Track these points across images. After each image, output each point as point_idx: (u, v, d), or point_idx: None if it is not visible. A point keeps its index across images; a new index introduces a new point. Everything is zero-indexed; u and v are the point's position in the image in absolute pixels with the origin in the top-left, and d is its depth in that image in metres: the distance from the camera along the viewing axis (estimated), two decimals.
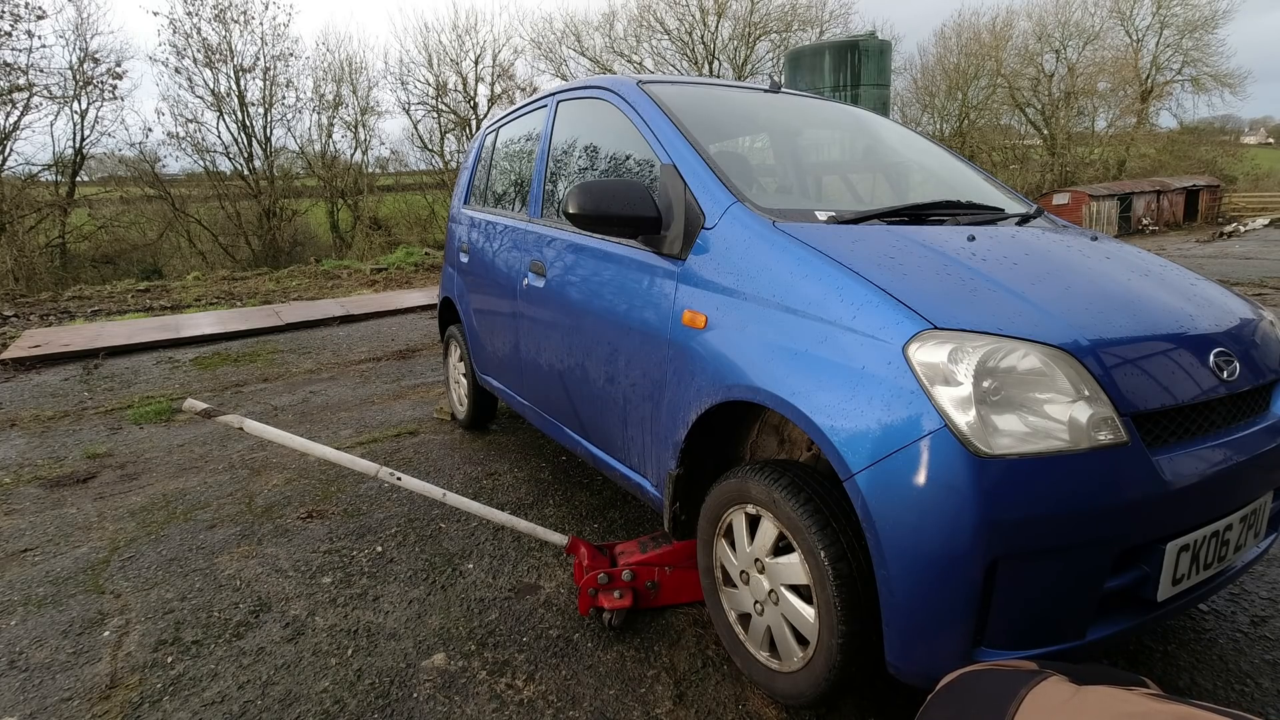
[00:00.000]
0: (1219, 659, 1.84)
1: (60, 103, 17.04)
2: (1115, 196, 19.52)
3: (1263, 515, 1.61)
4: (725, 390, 1.65)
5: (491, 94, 23.11)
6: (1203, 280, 1.88)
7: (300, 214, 21.06)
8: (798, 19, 25.30)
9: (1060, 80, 26.40)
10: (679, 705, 1.73)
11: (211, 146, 19.59)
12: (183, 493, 3.10)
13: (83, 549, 2.60)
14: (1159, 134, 28.05)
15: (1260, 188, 26.90)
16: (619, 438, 2.17)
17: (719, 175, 1.87)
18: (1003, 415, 1.26)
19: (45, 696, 1.80)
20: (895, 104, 24.80)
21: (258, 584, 2.31)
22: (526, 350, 2.74)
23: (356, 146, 22.06)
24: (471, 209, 3.58)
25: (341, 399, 4.56)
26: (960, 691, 0.96)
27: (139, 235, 18.84)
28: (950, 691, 0.98)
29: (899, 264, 1.54)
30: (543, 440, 3.63)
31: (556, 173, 2.74)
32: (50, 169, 17.62)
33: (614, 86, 2.38)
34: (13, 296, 11.20)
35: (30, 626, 2.11)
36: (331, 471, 3.23)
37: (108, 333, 6.69)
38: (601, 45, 25.80)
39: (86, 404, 4.62)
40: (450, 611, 2.13)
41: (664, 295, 1.90)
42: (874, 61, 11.64)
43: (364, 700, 1.75)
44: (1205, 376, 1.44)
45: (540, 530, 2.20)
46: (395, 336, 6.64)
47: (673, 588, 2.10)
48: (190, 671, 1.88)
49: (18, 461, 3.57)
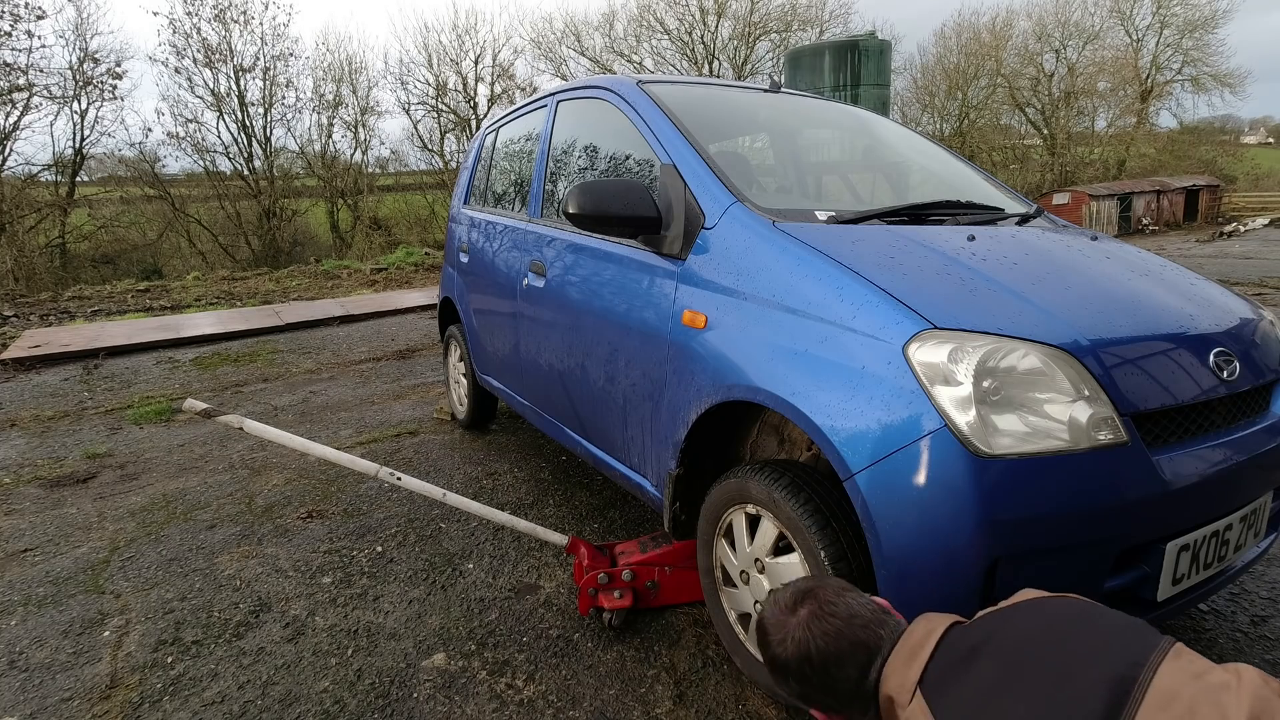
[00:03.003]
0: (1219, 659, 1.84)
1: (60, 103, 17.07)
2: (1115, 196, 19.52)
3: (1263, 515, 1.61)
4: (725, 390, 1.65)
5: (491, 94, 23.15)
6: (1203, 280, 1.88)
7: (300, 214, 21.07)
8: (798, 19, 25.32)
9: (1060, 80, 26.41)
10: (679, 705, 1.73)
11: (211, 146, 19.64)
12: (183, 493, 3.10)
13: (83, 549, 2.60)
14: (1159, 134, 28.04)
15: (1260, 187, 26.91)
16: (619, 438, 2.17)
17: (719, 175, 1.87)
18: (1003, 415, 1.26)
19: (45, 696, 1.80)
20: (895, 104, 24.79)
21: (258, 584, 2.31)
22: (526, 350, 2.74)
23: (356, 146, 22.10)
24: (471, 209, 3.58)
25: (341, 399, 4.56)
26: (1058, 616, 0.95)
27: (139, 235, 18.84)
28: (1042, 612, 0.97)
29: (899, 264, 1.54)
30: (543, 440, 3.63)
31: (556, 173, 2.74)
32: (50, 169, 17.65)
33: (614, 86, 2.38)
34: (13, 296, 11.19)
35: (30, 626, 2.11)
36: (331, 471, 3.23)
37: (108, 333, 6.69)
38: (601, 45, 25.83)
39: (86, 404, 4.62)
40: (450, 611, 2.13)
41: (664, 295, 1.90)
42: (874, 61, 11.65)
43: (364, 700, 1.75)
44: (1205, 376, 1.44)
45: (540, 530, 2.20)
46: (395, 336, 6.64)
47: (673, 588, 2.10)
48: (190, 671, 1.88)
49: (18, 461, 3.57)
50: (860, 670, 1.04)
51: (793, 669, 1.08)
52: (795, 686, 1.09)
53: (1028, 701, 0.83)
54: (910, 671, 0.96)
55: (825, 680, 1.05)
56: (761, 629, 1.15)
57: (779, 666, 1.10)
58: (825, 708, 1.10)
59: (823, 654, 1.05)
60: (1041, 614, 0.97)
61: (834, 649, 1.04)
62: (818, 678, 1.06)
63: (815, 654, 1.05)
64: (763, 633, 1.14)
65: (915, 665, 0.97)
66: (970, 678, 0.90)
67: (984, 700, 0.86)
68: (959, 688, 0.90)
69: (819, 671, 1.05)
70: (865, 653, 1.04)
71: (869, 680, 1.03)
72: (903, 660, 0.99)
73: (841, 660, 1.04)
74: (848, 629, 1.05)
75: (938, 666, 0.95)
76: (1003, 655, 0.91)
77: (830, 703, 1.08)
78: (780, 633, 1.10)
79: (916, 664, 0.97)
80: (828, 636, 1.05)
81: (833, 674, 1.04)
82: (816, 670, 1.05)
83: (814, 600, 1.10)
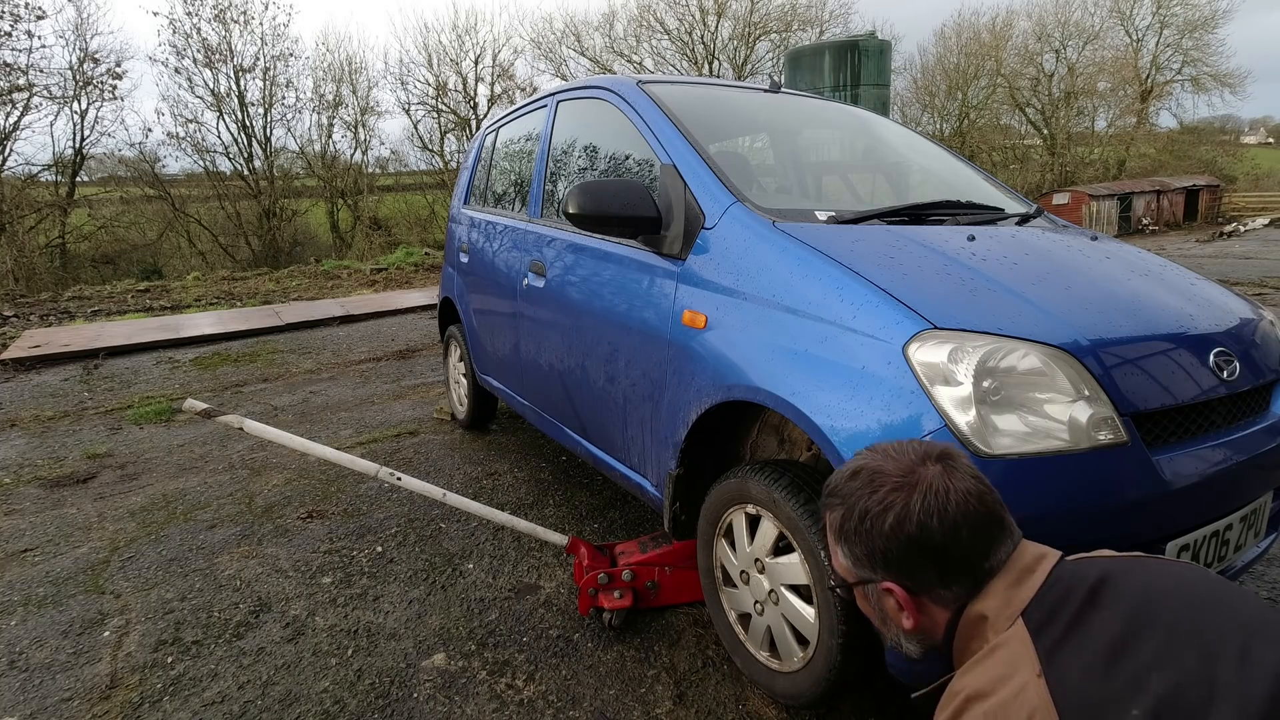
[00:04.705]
0: None
1: (60, 103, 17.07)
2: (1115, 196, 19.52)
3: (1263, 515, 1.61)
4: (725, 390, 1.65)
5: (491, 94, 23.14)
6: (1203, 280, 1.88)
7: (300, 214, 21.07)
8: (798, 19, 25.31)
9: (1060, 80, 26.41)
10: (679, 705, 1.73)
11: (211, 146, 19.63)
12: (183, 493, 3.10)
13: (83, 549, 2.60)
14: (1159, 134, 28.05)
15: (1260, 187, 26.91)
16: (619, 438, 2.17)
17: (719, 175, 1.87)
18: (1003, 415, 1.26)
19: (45, 696, 1.80)
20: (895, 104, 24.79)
21: (258, 584, 2.31)
22: (526, 350, 2.74)
23: (356, 146, 22.09)
24: (471, 209, 3.58)
25: (341, 399, 4.56)
26: (1187, 579, 0.83)
27: (139, 235, 18.84)
28: (1167, 572, 0.85)
29: (899, 264, 1.54)
30: (543, 440, 3.63)
31: (556, 173, 2.74)
32: (50, 169, 17.65)
33: (614, 86, 2.38)
34: (13, 296, 11.20)
35: (30, 626, 2.11)
36: (331, 471, 3.23)
37: (108, 333, 6.69)
38: (601, 45, 25.82)
39: (86, 404, 4.62)
40: (450, 611, 2.13)
41: (664, 295, 1.90)
42: (874, 61, 11.64)
43: (364, 700, 1.75)
44: (1205, 376, 1.44)
45: (540, 530, 2.20)
46: (395, 336, 6.64)
47: (673, 588, 2.10)
48: (190, 671, 1.88)
49: (18, 461, 3.57)
50: (990, 546, 0.88)
51: (909, 526, 0.87)
52: (893, 553, 0.89)
53: (1169, 671, 0.70)
54: (1017, 595, 0.83)
55: (942, 547, 0.87)
56: (866, 476, 0.93)
57: (882, 525, 0.89)
58: (914, 584, 0.91)
59: (959, 514, 0.87)
60: (1167, 574, 0.83)
61: (973, 512, 0.87)
62: (937, 540, 0.87)
63: (952, 511, 0.87)
64: (871, 481, 0.93)
65: (1024, 590, 0.84)
66: (1091, 627, 0.76)
67: (1110, 658, 0.73)
68: (1076, 635, 0.76)
69: (945, 533, 0.86)
70: (1002, 531, 0.89)
71: (989, 563, 0.87)
72: (1010, 581, 0.86)
73: (976, 528, 0.87)
74: (991, 498, 0.90)
75: (1045, 600, 0.82)
76: (1128, 609, 0.78)
77: (928, 578, 0.89)
78: (905, 479, 0.90)
79: (1025, 589, 0.84)
80: (970, 497, 0.88)
81: (960, 539, 0.87)
82: (942, 531, 0.86)
83: (950, 458, 0.93)
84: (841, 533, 0.96)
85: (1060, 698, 0.70)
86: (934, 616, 0.92)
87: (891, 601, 0.94)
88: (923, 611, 0.92)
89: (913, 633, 0.95)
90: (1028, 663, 0.75)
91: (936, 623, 0.92)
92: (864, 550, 0.93)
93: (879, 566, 0.92)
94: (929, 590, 0.90)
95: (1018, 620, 0.81)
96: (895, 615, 0.95)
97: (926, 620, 0.93)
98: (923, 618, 0.93)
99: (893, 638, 0.99)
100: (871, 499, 0.91)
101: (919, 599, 0.92)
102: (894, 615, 0.95)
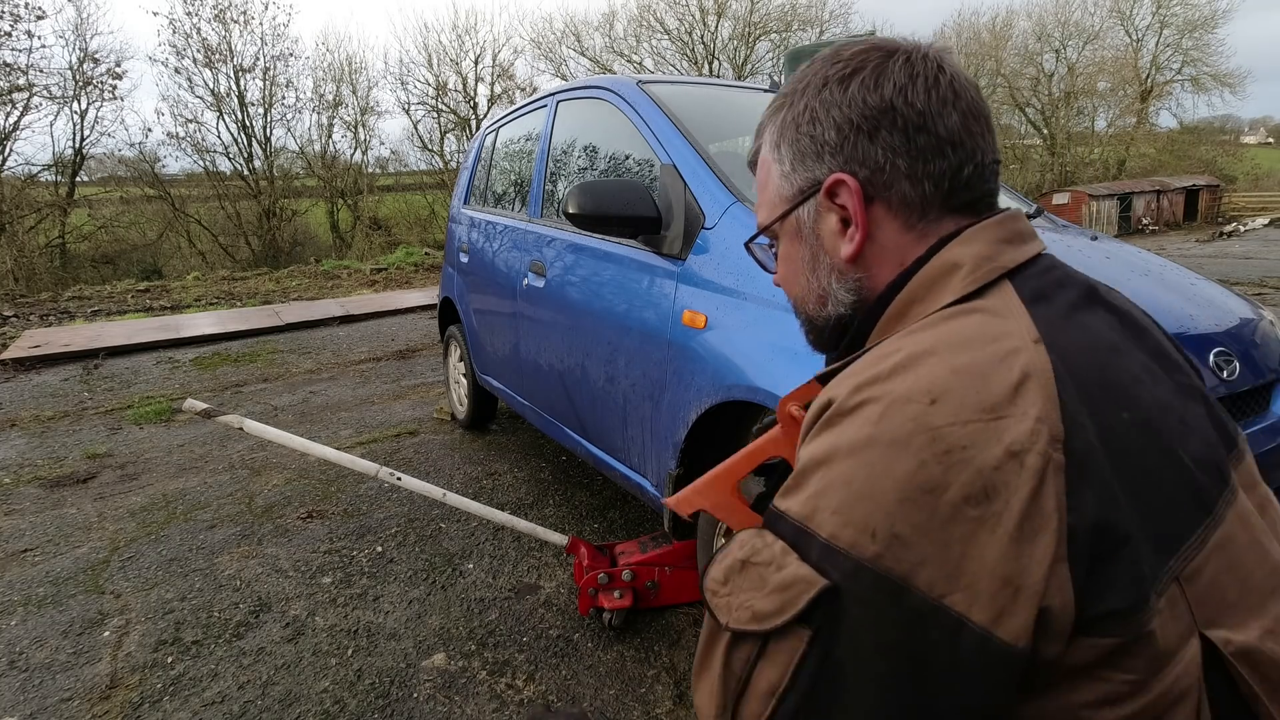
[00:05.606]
0: None
1: (60, 103, 17.06)
2: (1115, 196, 19.52)
3: None
4: (725, 390, 1.65)
5: (491, 94, 23.14)
6: (1202, 280, 1.88)
7: (300, 214, 21.07)
8: (798, 19, 25.32)
9: (1060, 80, 26.42)
10: (679, 705, 1.73)
11: (211, 146, 19.62)
12: (183, 493, 3.10)
13: (83, 549, 2.60)
14: (1159, 134, 28.05)
15: (1260, 187, 26.93)
16: (619, 438, 2.17)
17: (719, 175, 1.87)
18: None
19: (45, 696, 1.80)
20: None
21: (258, 584, 2.31)
22: (526, 350, 2.74)
23: (356, 146, 22.09)
24: (471, 209, 3.58)
25: (341, 399, 4.56)
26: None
27: (139, 235, 18.84)
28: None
29: None
30: (543, 440, 3.63)
31: (556, 173, 2.74)
32: (50, 169, 17.64)
33: (614, 86, 2.38)
34: (13, 296, 11.20)
35: (30, 626, 2.11)
36: (331, 471, 3.23)
37: (107, 333, 6.69)
38: (601, 45, 25.82)
39: (86, 404, 4.62)
40: (450, 611, 2.13)
41: (664, 295, 1.90)
42: None
43: (364, 700, 1.75)
44: (1205, 376, 1.44)
45: (540, 530, 2.20)
46: (395, 336, 6.64)
47: (673, 588, 2.10)
48: (190, 671, 1.88)
49: (18, 461, 3.57)
50: (984, 143, 0.65)
51: (885, 89, 0.63)
52: (853, 123, 0.64)
53: (1158, 391, 0.59)
54: (1007, 252, 0.63)
55: (923, 116, 0.63)
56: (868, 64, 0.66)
57: (846, 86, 0.65)
58: (873, 175, 0.64)
59: (952, 88, 0.63)
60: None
61: (972, 100, 0.65)
62: (919, 107, 0.63)
63: (945, 82, 0.63)
64: (834, 52, 0.69)
65: (1015, 251, 0.63)
66: (1091, 321, 0.61)
67: (1111, 356, 0.59)
68: (1076, 323, 0.60)
69: (931, 102, 0.63)
70: (996, 148, 0.68)
71: (979, 163, 0.65)
72: (1000, 235, 0.64)
73: (971, 114, 0.64)
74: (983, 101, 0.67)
75: (1039, 275, 0.63)
76: (1121, 317, 0.64)
77: (895, 165, 0.63)
78: (883, 47, 0.66)
79: (1017, 251, 0.63)
80: (970, 83, 0.65)
81: (948, 119, 0.63)
82: (926, 98, 0.63)
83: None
84: (782, 128, 0.71)
85: (1061, 372, 0.54)
86: (884, 244, 0.66)
87: (834, 220, 0.68)
88: (874, 231, 0.66)
89: (849, 270, 0.68)
90: (1021, 329, 0.56)
91: (885, 259, 0.66)
92: (811, 134, 0.67)
93: (828, 153, 0.66)
94: (891, 186, 0.64)
95: (1005, 282, 0.61)
96: (833, 243, 0.68)
97: (873, 251, 0.67)
98: (870, 245, 0.66)
99: (812, 301, 0.73)
100: (833, 66, 0.67)
101: (873, 207, 0.66)
102: (831, 244, 0.69)
